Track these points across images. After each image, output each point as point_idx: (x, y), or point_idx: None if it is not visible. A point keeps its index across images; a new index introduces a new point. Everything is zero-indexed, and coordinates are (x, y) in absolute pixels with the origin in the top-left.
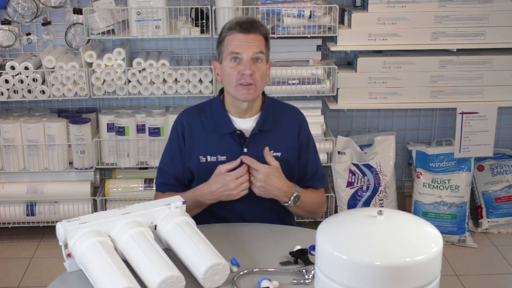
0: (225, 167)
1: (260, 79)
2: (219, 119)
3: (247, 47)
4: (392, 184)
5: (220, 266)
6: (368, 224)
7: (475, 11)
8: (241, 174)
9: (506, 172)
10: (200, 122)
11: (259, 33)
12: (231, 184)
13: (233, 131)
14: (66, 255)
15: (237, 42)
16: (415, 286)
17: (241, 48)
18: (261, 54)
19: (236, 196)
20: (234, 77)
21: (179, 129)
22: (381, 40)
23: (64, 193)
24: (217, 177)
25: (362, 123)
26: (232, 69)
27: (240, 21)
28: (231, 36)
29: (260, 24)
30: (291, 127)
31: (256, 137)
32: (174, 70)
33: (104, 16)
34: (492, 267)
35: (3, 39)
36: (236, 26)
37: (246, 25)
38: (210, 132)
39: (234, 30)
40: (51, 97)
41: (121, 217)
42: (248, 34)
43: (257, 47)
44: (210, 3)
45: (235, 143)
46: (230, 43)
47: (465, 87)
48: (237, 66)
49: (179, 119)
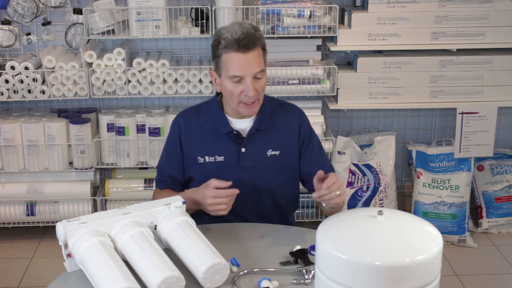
0: (215, 182)
1: (261, 92)
2: (216, 119)
3: (248, 68)
4: (392, 184)
5: (220, 266)
6: (368, 224)
7: (475, 11)
8: (222, 195)
9: (506, 172)
10: (198, 123)
11: (257, 47)
12: (209, 200)
13: (230, 132)
14: (66, 255)
15: (236, 63)
16: (415, 286)
17: (241, 71)
18: (262, 73)
19: (211, 212)
20: (236, 96)
21: (176, 131)
22: (381, 40)
23: (64, 193)
24: (203, 188)
25: (362, 123)
26: (233, 88)
27: (236, 38)
28: (229, 56)
29: (257, 36)
30: (290, 125)
31: (253, 136)
32: (174, 70)
33: (104, 16)
34: (492, 267)
35: (3, 39)
36: (233, 45)
37: (243, 42)
38: (208, 133)
39: (232, 49)
40: (51, 97)
41: (121, 217)
42: (247, 53)
43: (258, 65)
44: (210, 3)
45: (232, 143)
46: (229, 64)
47: (465, 87)
48: (239, 86)
49: (177, 120)
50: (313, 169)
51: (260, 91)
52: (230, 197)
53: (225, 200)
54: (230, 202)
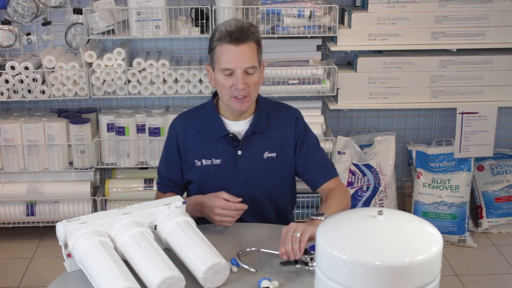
0: (225, 196)
1: (253, 89)
2: (212, 122)
3: (238, 60)
4: (392, 184)
5: (220, 266)
6: (368, 224)
7: (475, 11)
8: (231, 208)
9: (506, 172)
10: (194, 126)
11: (250, 41)
12: (217, 210)
13: (226, 134)
14: (66, 255)
15: (228, 56)
16: (415, 286)
17: (232, 64)
18: (253, 69)
19: (215, 222)
20: (228, 90)
21: (172, 134)
22: (381, 40)
23: (64, 193)
24: (212, 197)
25: (362, 123)
26: (225, 81)
27: (230, 30)
28: (222, 48)
29: (251, 31)
30: (286, 125)
31: (249, 139)
32: (174, 70)
33: (104, 16)
34: (492, 267)
35: (3, 39)
36: (226, 37)
37: (236, 34)
38: (204, 136)
39: (225, 41)
40: (51, 97)
41: (121, 217)
42: (239, 45)
43: (249, 61)
44: (210, 3)
45: (229, 146)
46: (221, 56)
47: (465, 87)
48: (230, 79)
49: (173, 124)
50: (308, 164)
51: (251, 87)
52: (238, 211)
53: (233, 213)
54: (237, 216)
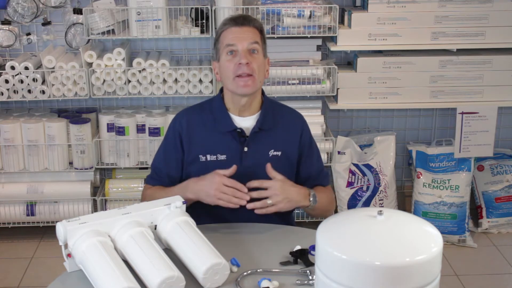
0: (222, 171)
1: (258, 70)
2: (220, 117)
3: (241, 38)
4: (392, 184)
5: (220, 266)
6: (368, 224)
7: (475, 11)
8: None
9: (506, 172)
10: (200, 120)
11: (253, 26)
12: (215, 185)
13: (234, 129)
14: (66, 255)
15: (231, 35)
16: (415, 286)
17: (236, 40)
18: (256, 45)
19: (213, 197)
20: (232, 70)
21: (176, 127)
22: (381, 40)
23: (64, 193)
24: (210, 174)
25: (362, 123)
26: (229, 62)
27: (234, 17)
28: (226, 31)
29: (254, 18)
30: (292, 129)
31: (256, 135)
32: (174, 70)
33: (104, 16)
34: (492, 267)
35: (3, 39)
36: (230, 21)
37: (239, 19)
38: (211, 131)
39: (228, 25)
40: (51, 97)
41: (121, 217)
42: (242, 27)
43: (252, 38)
44: (210, 3)
45: (235, 142)
46: (225, 37)
47: (465, 87)
48: (234, 59)
49: (179, 117)
50: (310, 174)
51: (255, 66)
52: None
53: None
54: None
